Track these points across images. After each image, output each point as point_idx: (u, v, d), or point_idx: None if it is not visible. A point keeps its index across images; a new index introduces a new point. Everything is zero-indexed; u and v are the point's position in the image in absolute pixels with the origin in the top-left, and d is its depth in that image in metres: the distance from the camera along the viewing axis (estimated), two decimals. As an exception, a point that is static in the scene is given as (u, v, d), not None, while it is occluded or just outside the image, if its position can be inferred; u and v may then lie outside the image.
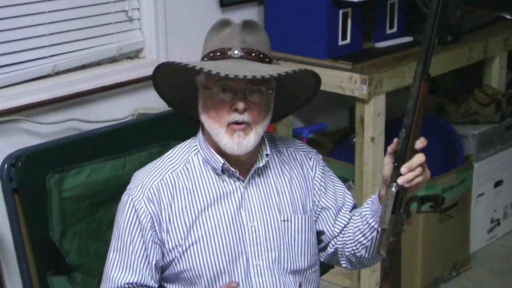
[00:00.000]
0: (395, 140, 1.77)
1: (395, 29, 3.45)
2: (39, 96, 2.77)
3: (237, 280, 1.84)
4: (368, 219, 1.91)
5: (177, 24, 3.18)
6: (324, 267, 2.10)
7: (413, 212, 1.82)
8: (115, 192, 2.04)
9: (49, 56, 2.85)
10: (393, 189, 1.76)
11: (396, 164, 1.76)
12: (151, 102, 3.07)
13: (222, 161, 1.84)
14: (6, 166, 2.01)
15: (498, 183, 3.76)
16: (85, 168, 2.07)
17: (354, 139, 3.29)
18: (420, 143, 1.75)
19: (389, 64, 3.24)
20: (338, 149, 3.68)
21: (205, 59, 1.83)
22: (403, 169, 1.74)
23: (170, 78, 1.87)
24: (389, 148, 1.78)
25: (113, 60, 3.08)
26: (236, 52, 1.79)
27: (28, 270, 2.04)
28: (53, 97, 2.80)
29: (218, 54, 1.80)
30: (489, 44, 3.72)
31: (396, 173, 1.76)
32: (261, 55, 1.81)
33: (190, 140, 1.93)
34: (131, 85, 3.05)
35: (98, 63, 3.03)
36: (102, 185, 2.09)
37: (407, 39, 3.47)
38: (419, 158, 1.74)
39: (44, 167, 2.02)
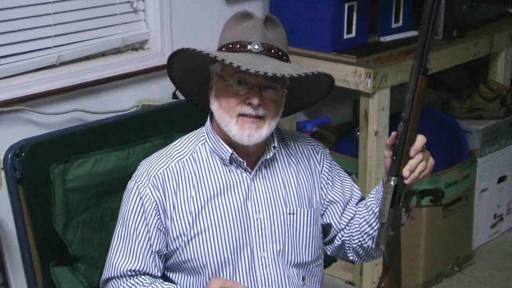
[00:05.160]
0: (393, 133, 1.77)
1: (400, 23, 3.44)
2: (43, 86, 2.77)
3: (241, 271, 1.84)
4: (373, 208, 1.91)
5: (182, 15, 3.18)
6: (327, 261, 2.10)
7: (413, 206, 1.82)
8: (119, 183, 2.04)
9: (54, 47, 2.84)
10: (392, 183, 1.75)
11: (394, 157, 1.76)
12: (155, 94, 3.07)
13: (230, 151, 1.84)
14: (10, 156, 2.01)
15: (501, 179, 3.76)
16: (89, 159, 2.07)
17: (358, 133, 3.28)
18: (414, 151, 1.74)
19: (394, 58, 3.23)
20: (341, 142, 3.67)
21: (223, 49, 1.82)
22: (405, 173, 1.74)
23: (183, 65, 1.87)
24: (387, 142, 1.78)
25: (117, 51, 3.07)
26: (256, 46, 1.79)
27: (31, 261, 2.04)
28: (57, 87, 2.80)
29: (238, 46, 1.80)
30: (495, 39, 3.71)
31: (394, 166, 1.76)
32: (280, 52, 1.81)
33: (198, 130, 1.93)
34: (135, 77, 3.05)
35: (103, 54, 3.02)
36: (106, 176, 2.08)
37: (413, 33, 3.46)
38: (418, 158, 1.75)
39: (48, 158, 2.02)
